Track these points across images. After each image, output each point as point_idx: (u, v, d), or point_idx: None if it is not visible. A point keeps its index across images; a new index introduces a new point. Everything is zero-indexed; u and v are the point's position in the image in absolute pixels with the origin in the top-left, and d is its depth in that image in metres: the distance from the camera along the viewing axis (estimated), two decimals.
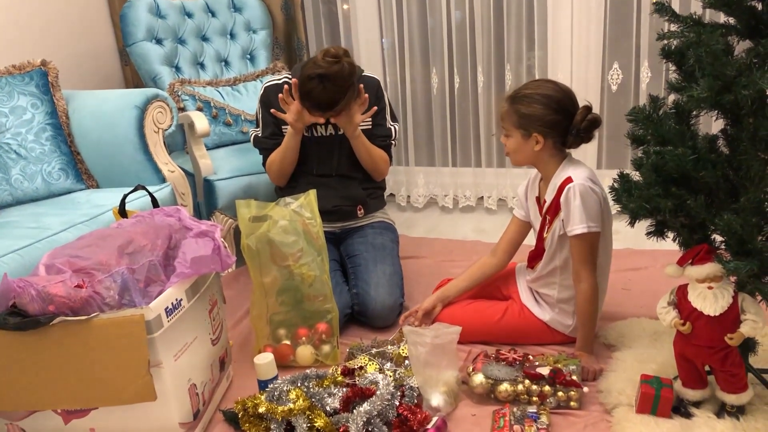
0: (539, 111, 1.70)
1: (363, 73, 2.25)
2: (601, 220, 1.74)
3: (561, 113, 1.71)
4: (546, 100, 1.71)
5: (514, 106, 1.74)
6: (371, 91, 2.21)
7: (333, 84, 1.97)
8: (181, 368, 1.51)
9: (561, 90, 1.73)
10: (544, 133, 1.72)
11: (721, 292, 1.39)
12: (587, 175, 1.73)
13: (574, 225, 1.71)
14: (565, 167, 1.76)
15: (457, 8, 2.97)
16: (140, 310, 1.39)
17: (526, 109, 1.72)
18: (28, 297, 1.38)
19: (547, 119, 1.71)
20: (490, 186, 3.14)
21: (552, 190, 1.77)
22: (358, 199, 2.29)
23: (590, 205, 1.70)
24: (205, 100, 2.80)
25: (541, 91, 1.72)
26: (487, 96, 3.01)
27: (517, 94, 1.75)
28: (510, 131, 1.77)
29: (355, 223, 2.33)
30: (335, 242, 2.32)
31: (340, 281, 2.15)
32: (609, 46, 2.78)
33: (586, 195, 1.70)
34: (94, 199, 2.18)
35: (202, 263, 1.56)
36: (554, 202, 1.76)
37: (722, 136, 1.51)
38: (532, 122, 1.72)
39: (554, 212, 1.76)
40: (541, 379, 1.63)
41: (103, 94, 2.49)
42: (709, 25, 1.40)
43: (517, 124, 1.74)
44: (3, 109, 2.24)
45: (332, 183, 2.25)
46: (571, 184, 1.70)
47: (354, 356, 1.85)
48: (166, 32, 2.90)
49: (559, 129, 1.72)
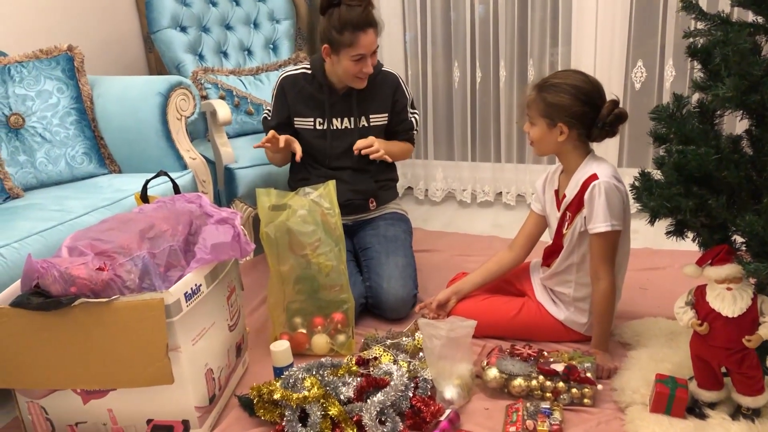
0: (566, 101, 1.69)
1: (382, 68, 2.26)
2: (623, 219, 1.73)
3: (588, 105, 1.69)
4: (574, 91, 1.69)
5: (541, 94, 1.72)
6: (389, 85, 2.23)
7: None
8: (199, 353, 1.53)
9: (590, 82, 1.72)
10: (570, 123, 1.70)
11: (740, 293, 1.38)
12: (612, 173, 1.71)
13: (597, 223, 1.70)
14: (588, 163, 1.75)
15: (480, 2, 2.95)
16: (160, 294, 1.41)
17: (554, 98, 1.70)
18: (51, 278, 1.40)
19: (573, 110, 1.69)
20: (509, 181, 3.13)
21: (574, 185, 1.76)
22: (370, 192, 2.30)
23: (614, 203, 1.69)
24: (227, 88, 2.82)
25: (569, 81, 1.70)
26: (509, 91, 3.00)
27: (546, 83, 1.73)
28: (535, 119, 1.75)
29: (367, 215, 2.34)
30: (348, 234, 2.33)
31: (354, 271, 2.16)
32: (633, 43, 2.75)
33: (611, 193, 1.69)
34: (116, 184, 2.21)
35: (221, 250, 1.58)
36: (577, 197, 1.74)
37: (746, 137, 1.50)
38: (559, 112, 1.70)
39: (576, 208, 1.75)
40: (555, 375, 1.63)
41: (127, 80, 2.51)
42: (737, 23, 1.39)
43: (543, 113, 1.73)
44: (29, 93, 2.27)
45: (345, 176, 2.25)
46: (596, 181, 1.69)
47: (369, 347, 1.86)
48: (190, 20, 2.92)
49: (584, 121, 1.71)
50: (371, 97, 2.24)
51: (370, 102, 2.24)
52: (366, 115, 2.25)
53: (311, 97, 2.23)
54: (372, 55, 2.12)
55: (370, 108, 2.25)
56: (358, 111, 2.23)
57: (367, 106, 2.25)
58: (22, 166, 2.20)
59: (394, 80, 2.28)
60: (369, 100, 2.24)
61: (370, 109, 2.25)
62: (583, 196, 1.72)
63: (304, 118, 2.25)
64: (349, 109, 2.23)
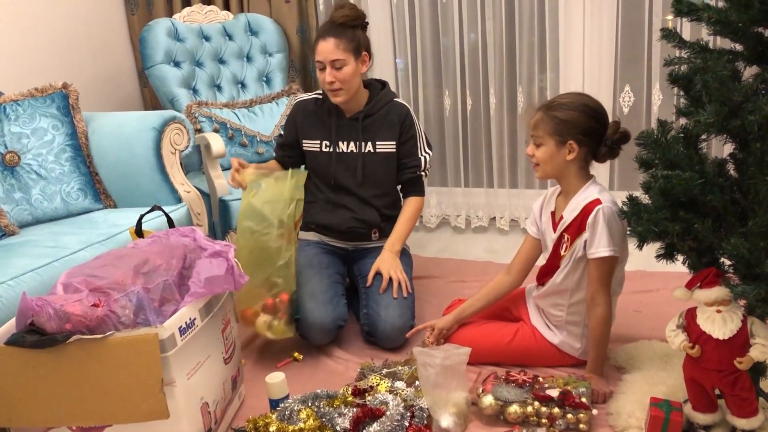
0: (578, 117, 1.72)
1: (394, 99, 2.28)
2: (623, 246, 1.75)
3: (598, 122, 1.74)
4: (584, 108, 1.73)
5: (550, 113, 1.75)
6: (397, 114, 2.25)
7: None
8: (194, 387, 1.53)
9: (596, 102, 1.77)
10: (580, 141, 1.73)
11: (730, 315, 1.39)
12: (612, 199, 1.74)
13: (600, 247, 1.71)
14: (590, 187, 1.77)
15: (469, 30, 3.00)
16: (154, 329, 1.42)
17: (564, 114, 1.73)
18: (46, 315, 1.41)
19: (585, 126, 1.72)
20: (503, 206, 3.15)
21: (574, 208, 1.77)
22: (374, 224, 2.30)
23: (616, 230, 1.71)
24: (221, 121, 2.85)
25: (578, 100, 1.76)
26: (499, 117, 3.04)
27: (553, 103, 1.77)
28: (543, 139, 1.76)
29: (368, 243, 2.35)
30: (346, 259, 2.35)
31: (339, 292, 2.15)
32: (620, 68, 2.80)
33: (614, 219, 1.71)
34: (111, 219, 2.22)
35: (215, 283, 1.59)
36: (576, 221, 1.76)
37: (731, 160, 1.52)
38: (570, 128, 1.73)
39: (576, 231, 1.76)
40: (550, 401, 1.63)
41: (121, 116, 2.54)
42: (716, 51, 1.42)
43: (552, 131, 1.74)
44: (25, 131, 2.30)
45: (350, 203, 2.26)
46: (600, 206, 1.71)
47: (365, 376, 1.86)
48: (184, 55, 2.96)
49: (594, 138, 1.74)
50: (379, 123, 2.24)
51: (378, 129, 2.24)
52: (372, 141, 2.25)
53: (320, 120, 2.26)
54: (335, 69, 2.11)
55: (377, 135, 2.24)
56: (363, 136, 2.24)
57: (375, 132, 2.24)
58: (18, 203, 2.22)
59: (404, 110, 2.27)
60: (376, 127, 2.24)
61: (378, 136, 2.24)
62: (583, 220, 1.73)
63: (311, 140, 2.27)
64: (355, 134, 2.24)
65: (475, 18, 2.95)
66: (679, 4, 1.43)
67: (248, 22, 3.13)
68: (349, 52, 2.11)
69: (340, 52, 2.10)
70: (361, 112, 2.23)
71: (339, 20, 2.11)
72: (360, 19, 2.16)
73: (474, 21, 2.96)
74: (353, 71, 2.14)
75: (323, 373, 2.00)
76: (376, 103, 2.25)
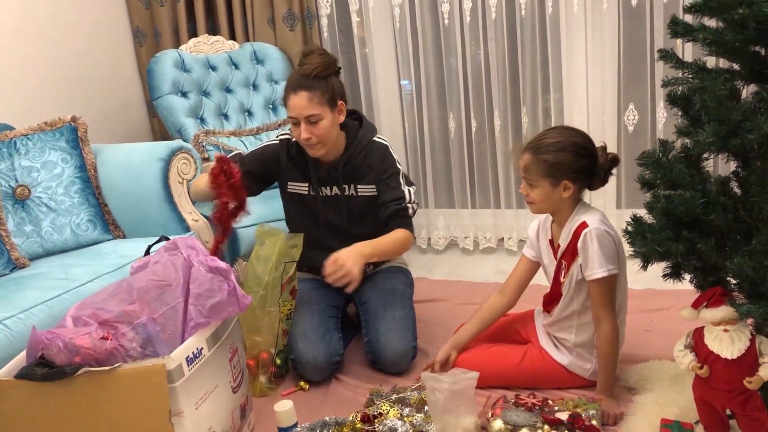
0: (568, 158, 1.72)
1: (374, 138, 2.15)
2: (618, 262, 1.75)
3: (588, 158, 1.74)
4: (573, 146, 1.72)
5: (539, 156, 1.73)
6: (376, 155, 2.12)
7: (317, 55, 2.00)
8: (202, 416, 1.54)
9: (582, 135, 1.76)
10: (573, 179, 1.74)
11: (737, 334, 1.38)
12: (600, 218, 1.75)
13: (594, 269, 1.72)
14: (578, 212, 1.78)
15: (472, 53, 3.03)
16: (162, 360, 1.43)
17: (555, 157, 1.72)
18: (56, 348, 1.43)
19: (576, 165, 1.72)
20: (510, 227, 3.15)
21: (567, 234, 1.79)
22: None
23: (608, 248, 1.72)
24: (228, 149, 2.88)
25: (565, 138, 1.73)
26: (504, 139, 3.05)
27: (540, 144, 1.74)
28: (536, 181, 1.76)
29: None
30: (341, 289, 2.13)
31: (331, 328, 2.11)
32: (624, 87, 2.81)
33: (603, 238, 1.71)
34: (120, 250, 2.25)
35: (219, 308, 1.60)
36: (570, 247, 1.77)
37: (734, 178, 1.52)
38: (562, 170, 1.72)
39: (571, 257, 1.78)
40: (560, 424, 1.62)
41: (129, 147, 2.58)
42: (713, 70, 1.43)
43: (545, 174, 1.74)
44: (35, 164, 2.33)
45: (340, 243, 2.02)
46: (586, 229, 1.72)
47: (374, 402, 1.86)
48: (191, 85, 3.00)
49: (587, 173, 1.75)
50: (359, 167, 2.13)
51: (358, 173, 2.13)
52: (354, 185, 2.15)
53: (301, 165, 2.17)
54: (310, 124, 1.97)
55: (359, 180, 2.14)
56: (344, 180, 2.14)
57: (356, 177, 2.14)
58: (29, 236, 2.25)
59: (382, 148, 2.14)
60: (357, 172, 2.13)
61: (360, 181, 2.14)
62: (575, 245, 1.74)
63: (297, 182, 2.20)
64: (335, 180, 2.15)
65: (477, 40, 2.98)
66: (675, 25, 1.44)
67: (254, 51, 3.17)
68: (324, 105, 1.97)
69: (315, 106, 1.95)
70: (340, 161, 2.12)
71: (311, 73, 1.96)
72: (332, 67, 2.01)
73: (476, 43, 2.98)
74: (330, 124, 2.01)
75: (332, 401, 1.99)
76: (354, 149, 2.12)
